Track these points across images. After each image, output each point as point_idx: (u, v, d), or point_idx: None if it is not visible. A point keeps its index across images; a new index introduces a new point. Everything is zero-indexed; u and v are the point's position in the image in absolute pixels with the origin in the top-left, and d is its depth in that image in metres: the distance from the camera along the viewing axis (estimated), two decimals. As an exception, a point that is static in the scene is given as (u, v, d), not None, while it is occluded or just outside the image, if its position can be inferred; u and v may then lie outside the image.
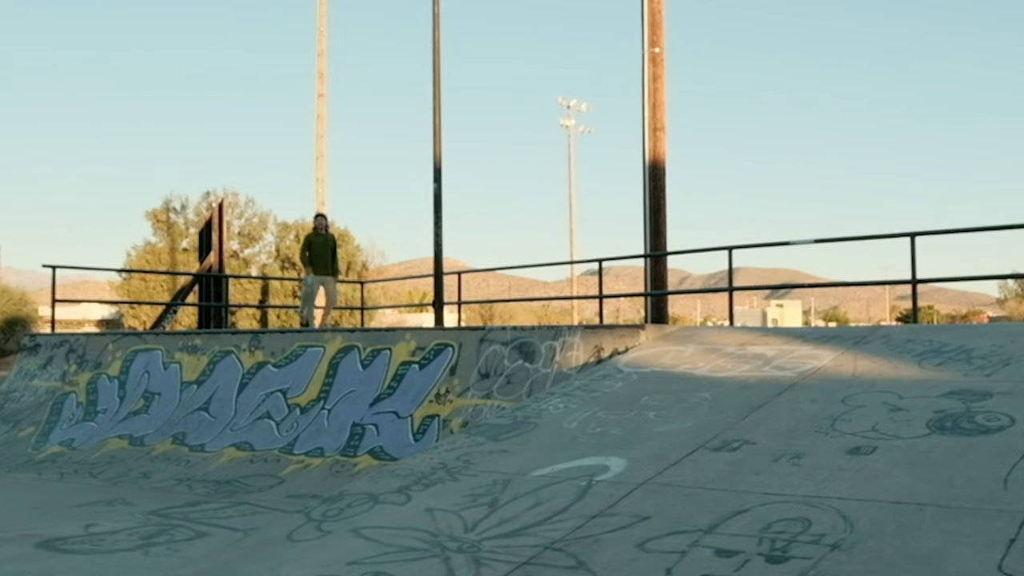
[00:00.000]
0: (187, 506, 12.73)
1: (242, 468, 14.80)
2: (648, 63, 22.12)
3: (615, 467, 9.59)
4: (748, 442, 9.70)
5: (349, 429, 15.00)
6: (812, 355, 12.80)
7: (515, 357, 14.84)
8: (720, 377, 12.35)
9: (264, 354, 17.41)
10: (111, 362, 19.38)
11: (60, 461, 16.65)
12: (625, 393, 12.24)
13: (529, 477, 9.70)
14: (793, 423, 10.08)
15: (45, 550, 10.24)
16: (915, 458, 8.57)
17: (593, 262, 23.94)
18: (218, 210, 28.73)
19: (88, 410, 18.44)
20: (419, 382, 15.28)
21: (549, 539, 7.99)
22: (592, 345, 14.45)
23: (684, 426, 10.55)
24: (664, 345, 14.47)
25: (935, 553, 6.70)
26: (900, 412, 9.93)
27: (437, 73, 23.77)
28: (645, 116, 22.28)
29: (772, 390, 11.40)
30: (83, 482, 15.12)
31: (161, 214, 60.38)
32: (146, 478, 14.96)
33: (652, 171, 22.11)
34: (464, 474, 10.17)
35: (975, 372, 11.08)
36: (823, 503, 7.82)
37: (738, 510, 7.93)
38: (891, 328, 13.79)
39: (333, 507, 9.86)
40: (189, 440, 16.20)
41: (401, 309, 71.21)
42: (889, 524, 7.24)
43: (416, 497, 9.70)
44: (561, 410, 12.02)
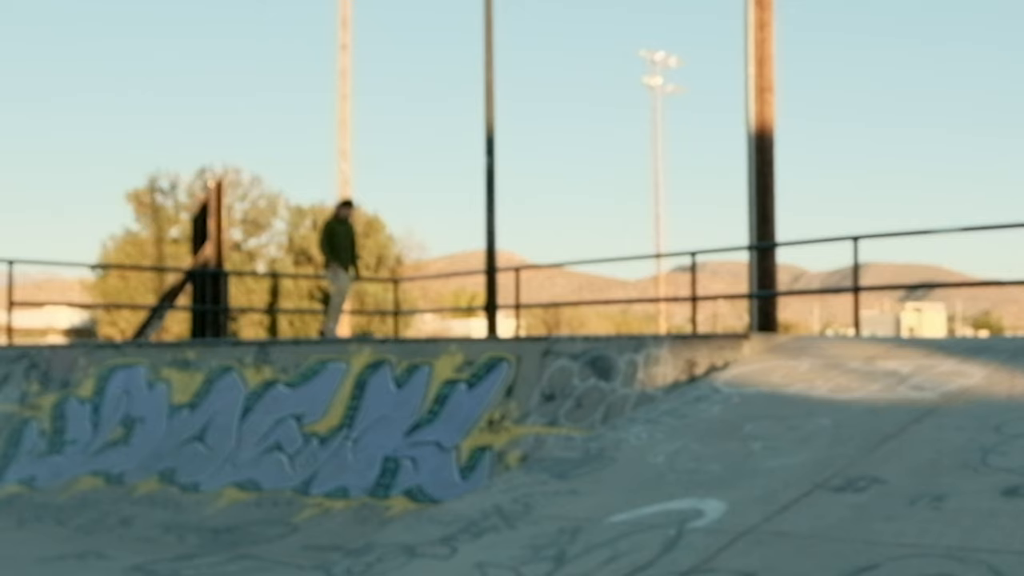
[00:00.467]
0: (177, 560, 12.84)
1: (246, 513, 14.91)
2: (753, 7, 22.16)
3: (712, 512, 9.63)
4: (878, 480, 9.72)
5: (380, 464, 15.08)
6: (958, 372, 12.81)
7: (587, 375, 14.89)
8: (843, 399, 12.37)
9: (273, 371, 17.51)
10: (82, 381, 19.52)
11: (19, 504, 16.79)
12: (724, 419, 12.28)
13: (604, 524, 9.75)
14: (934, 456, 10.09)
15: (3, 614, 10.35)
16: (1088, 501, 8.57)
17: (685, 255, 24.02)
18: (216, 191, 28.89)
19: (54, 440, 18.59)
20: (467, 406, 15.34)
21: (629, 601, 8.02)
22: (683, 360, 14.50)
23: (798, 460, 10.58)
24: (773, 359, 14.51)
25: (1112, 619, 6.71)
26: (1070, 443, 9.93)
27: (489, 19, 23.73)
28: (749, 73, 22.31)
29: (908, 415, 11.41)
30: (48, 530, 15.25)
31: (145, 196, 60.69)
32: (126, 525, 15.09)
33: (758, 142, 22.15)
34: (523, 520, 10.23)
35: None
36: (972, 556, 7.82)
37: (866, 566, 7.95)
38: (1058, 337, 13.79)
39: (359, 562, 9.93)
40: (180, 478, 16.31)
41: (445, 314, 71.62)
42: (1055, 583, 7.24)
43: (463, 549, 9.76)
44: (644, 440, 12.07)
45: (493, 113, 23.63)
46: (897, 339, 15.70)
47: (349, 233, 23.60)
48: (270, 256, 62.49)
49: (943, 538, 8.21)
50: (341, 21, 43.68)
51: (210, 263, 27.94)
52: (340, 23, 43.84)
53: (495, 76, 23.66)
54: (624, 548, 9.06)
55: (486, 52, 23.74)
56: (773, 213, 22.27)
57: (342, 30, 43.71)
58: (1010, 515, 8.47)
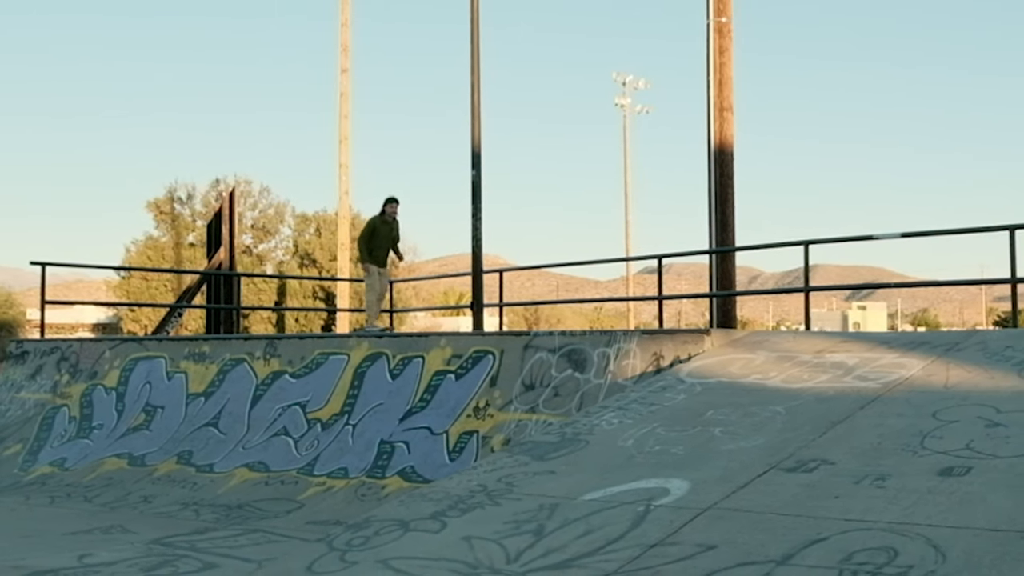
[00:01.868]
0: (194, 534, 12.79)
1: (256, 491, 14.87)
2: (713, 34, 22.16)
3: (676, 490, 9.62)
4: (826, 462, 9.72)
5: (376, 447, 15.05)
6: (899, 364, 12.80)
7: (564, 366, 14.87)
8: (795, 389, 12.36)
9: (280, 363, 17.47)
10: (108, 372, 19.47)
11: (51, 483, 16.73)
12: (688, 407, 12.27)
13: (579, 501, 9.74)
14: (877, 440, 10.09)
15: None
16: (1015, 480, 8.57)
17: (652, 259, 23.99)
18: (229, 200, 28.84)
19: (82, 426, 18.53)
20: (455, 394, 15.32)
21: (602, 571, 8.01)
22: (651, 353, 14.48)
23: (754, 444, 10.57)
24: (732, 352, 14.50)
25: (1039, 588, 6.70)
26: (998, 428, 9.93)
27: (475, 47, 23.76)
28: (710, 94, 22.31)
29: (853, 403, 11.41)
30: (77, 507, 15.20)
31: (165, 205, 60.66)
32: (147, 502, 15.04)
33: (718, 156, 22.15)
34: (506, 498, 10.21)
35: (1085, 383, 11.07)
36: (911, 530, 7.82)
37: (815, 538, 7.95)
38: (988, 333, 13.80)
39: (358, 535, 9.90)
40: (196, 460, 16.27)
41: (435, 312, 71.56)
42: (985, 554, 7.23)
43: (452, 524, 9.74)
44: (615, 426, 12.06)
45: (479, 130, 23.65)
46: (844, 334, 15.70)
47: (391, 231, 22.94)
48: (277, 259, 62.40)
49: (885, 514, 8.21)
50: (342, 47, 43.77)
51: (223, 266, 27.87)
52: (340, 49, 43.92)
53: (481, 97, 23.68)
54: (597, 523, 9.05)
55: (472, 75, 23.75)
56: (732, 220, 22.27)
57: (342, 55, 43.80)
58: (945, 493, 8.47)
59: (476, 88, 23.66)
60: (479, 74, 23.68)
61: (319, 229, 62.42)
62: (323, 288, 56.70)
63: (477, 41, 23.72)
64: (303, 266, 61.39)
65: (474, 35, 23.69)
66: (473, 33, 23.68)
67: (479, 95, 23.63)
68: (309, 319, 54.76)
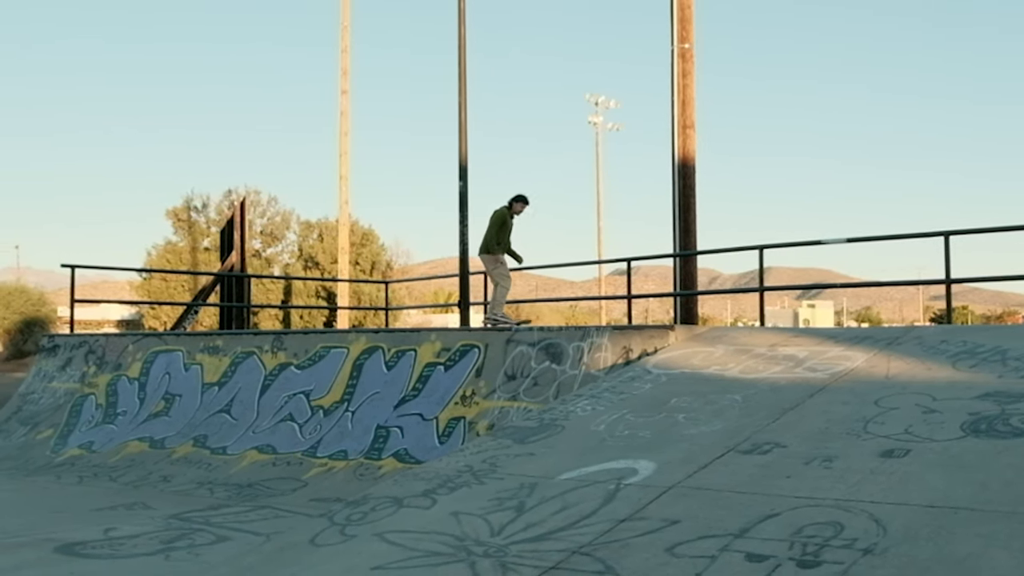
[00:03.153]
0: (208, 510, 12.76)
1: (264, 471, 14.83)
2: (677, 59, 22.13)
3: (644, 470, 9.61)
4: (779, 445, 9.72)
5: (373, 431, 15.02)
6: (844, 356, 12.81)
7: (542, 358, 14.86)
8: (751, 379, 12.36)
9: (287, 355, 17.44)
10: (131, 363, 19.43)
11: (79, 464, 16.69)
12: (654, 395, 12.26)
13: (556, 481, 9.72)
14: (825, 425, 10.09)
15: (64, 555, 10.26)
16: (949, 461, 8.58)
17: (621, 262, 23.97)
18: (240, 209, 28.77)
19: (108, 412, 18.49)
20: (444, 384, 15.30)
21: (577, 543, 8.00)
22: (620, 346, 14.46)
23: (714, 428, 10.56)
24: (694, 346, 14.49)
25: (970, 558, 6.70)
26: (934, 414, 9.94)
27: (463, 69, 23.75)
28: (674, 113, 22.28)
29: (803, 392, 11.41)
30: (102, 485, 15.16)
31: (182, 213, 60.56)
32: (166, 481, 15.01)
33: (682, 169, 22.12)
34: (490, 477, 10.20)
35: (1010, 374, 11.08)
36: (855, 507, 7.82)
37: (769, 514, 7.95)
38: (925, 329, 13.80)
39: (357, 511, 9.88)
40: (210, 443, 16.23)
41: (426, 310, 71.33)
42: (923, 528, 7.24)
43: (441, 501, 9.72)
44: (589, 412, 12.04)
45: (465, 146, 23.65)
46: (795, 330, 15.69)
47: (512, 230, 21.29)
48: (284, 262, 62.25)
49: (832, 492, 8.21)
50: (342, 71, 43.68)
51: (235, 268, 27.81)
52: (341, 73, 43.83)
53: (467, 116, 23.67)
54: (572, 500, 9.04)
55: (460, 96, 23.73)
56: (694, 227, 22.25)
57: (343, 78, 43.70)
58: (886, 473, 8.48)
59: (463, 108, 23.66)
60: (465, 95, 23.69)
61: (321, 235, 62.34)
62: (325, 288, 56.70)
63: (464, 65, 23.72)
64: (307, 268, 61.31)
65: (461, 60, 23.68)
66: (460, 59, 23.67)
67: (466, 114, 23.64)
68: (312, 316, 54.64)
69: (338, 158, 44.17)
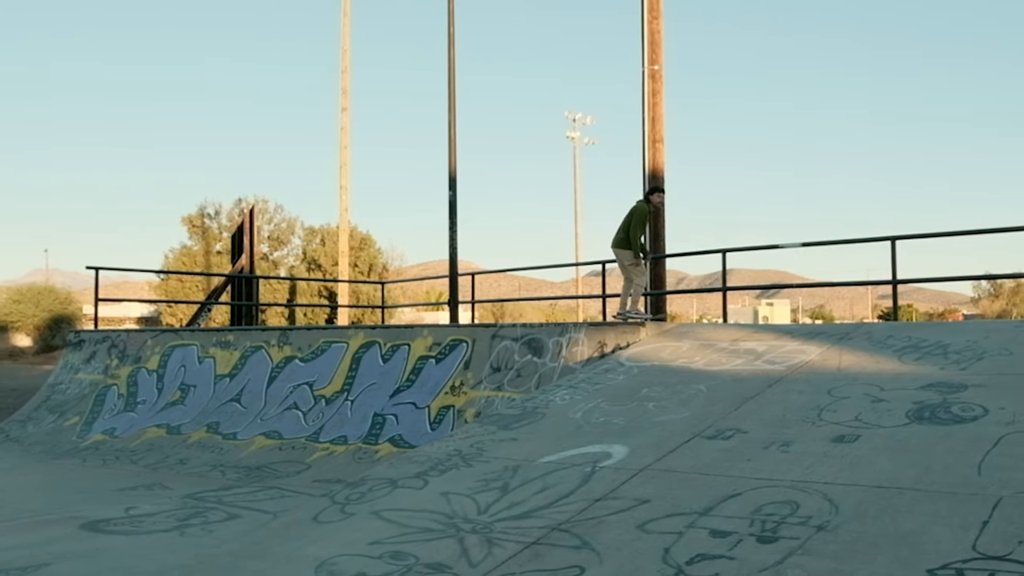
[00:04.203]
0: (220, 490, 12.75)
1: (271, 455, 14.82)
2: (648, 79, 22.12)
3: (617, 454, 9.60)
4: (740, 431, 9.71)
5: (371, 419, 15.01)
6: (800, 350, 12.81)
7: (524, 352, 14.85)
8: (714, 371, 12.35)
9: (292, 349, 17.42)
10: (150, 357, 19.40)
11: (103, 448, 16.67)
12: (626, 385, 12.25)
13: (537, 464, 9.72)
14: (782, 413, 10.09)
15: (89, 531, 10.26)
16: (895, 446, 8.58)
17: (597, 264, 23.91)
18: (249, 216, 28.72)
19: (129, 401, 18.46)
20: (436, 375, 15.29)
21: (556, 521, 8.00)
22: (596, 341, 14.46)
23: (681, 416, 10.56)
24: (662, 341, 14.48)
25: (914, 534, 6.72)
26: (881, 403, 9.94)
27: (452, 89, 23.78)
28: (645, 129, 22.27)
29: (763, 383, 11.41)
30: (124, 468, 15.13)
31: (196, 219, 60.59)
32: (182, 464, 14.99)
33: (652, 180, 22.09)
34: (477, 460, 10.19)
35: (951, 366, 11.09)
36: (810, 487, 7.83)
37: (731, 494, 7.95)
38: (873, 325, 13.80)
39: (356, 491, 9.87)
40: (222, 429, 16.21)
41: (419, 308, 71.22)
42: (871, 507, 7.25)
43: (433, 482, 9.71)
44: (567, 401, 12.03)
45: (455, 158, 23.68)
46: (754, 326, 15.69)
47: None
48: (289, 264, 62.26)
49: (789, 474, 8.21)
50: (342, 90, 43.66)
51: (245, 270, 27.76)
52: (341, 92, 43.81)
53: (456, 130, 23.73)
54: (552, 481, 9.03)
55: (449, 113, 23.74)
56: (663, 232, 22.24)
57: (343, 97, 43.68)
58: (838, 457, 8.48)
59: (452, 124, 23.69)
60: (455, 112, 23.73)
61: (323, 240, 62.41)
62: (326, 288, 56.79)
63: (453, 85, 23.75)
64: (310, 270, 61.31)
65: (451, 81, 23.69)
66: (450, 79, 23.69)
67: (455, 129, 23.68)
68: (315, 314, 54.60)
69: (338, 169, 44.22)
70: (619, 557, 7.14)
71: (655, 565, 6.91)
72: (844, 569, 6.44)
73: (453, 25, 23.92)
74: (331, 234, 60.24)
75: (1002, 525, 6.69)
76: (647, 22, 22.16)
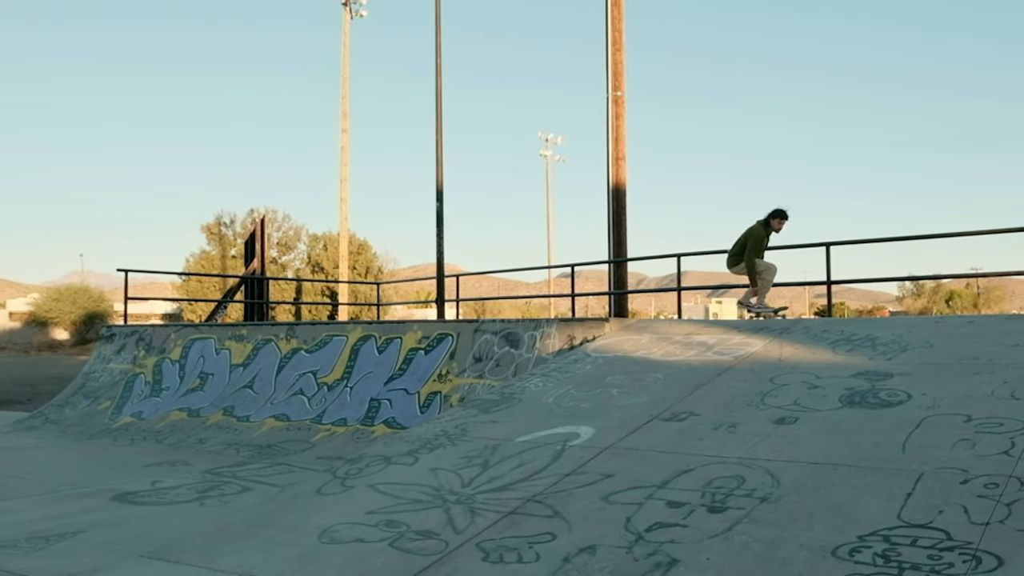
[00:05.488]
0: (235, 466, 12.72)
1: (280, 435, 14.78)
2: (612, 104, 22.14)
3: (584, 434, 9.59)
4: (693, 414, 9.71)
5: (367, 403, 14.98)
6: (745, 343, 12.81)
7: (503, 345, 14.83)
8: (670, 361, 12.35)
9: (298, 342, 17.38)
10: (173, 348, 19.34)
11: (131, 430, 16.61)
12: (593, 374, 12.24)
13: (514, 442, 9.70)
14: (730, 398, 10.09)
15: (119, 502, 10.24)
16: (830, 427, 8.59)
17: (567, 267, 23.93)
18: (261, 224, 28.66)
19: (154, 388, 18.40)
20: (424, 365, 15.27)
21: (530, 493, 7.99)
22: (566, 335, 14.44)
23: (641, 401, 10.55)
24: (625, 335, 14.47)
25: (846, 504, 6.72)
26: (817, 389, 9.95)
27: (439, 112, 23.79)
28: (609, 147, 22.28)
29: (713, 371, 11.41)
30: (150, 447, 15.09)
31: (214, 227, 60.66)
32: (201, 443, 14.94)
33: (615, 192, 22.13)
34: (461, 440, 10.17)
35: (879, 357, 11.11)
36: (754, 464, 7.83)
37: (685, 469, 7.95)
38: (810, 321, 13.83)
39: (354, 467, 9.84)
40: (237, 412, 16.17)
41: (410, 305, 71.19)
42: (808, 481, 7.26)
43: (422, 459, 9.69)
44: (540, 388, 12.01)
45: (442, 174, 23.68)
46: (705, 321, 15.71)
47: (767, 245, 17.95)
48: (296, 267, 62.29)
49: (736, 452, 8.21)
50: (342, 114, 43.77)
51: (256, 272, 27.68)
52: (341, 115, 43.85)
53: (443, 149, 23.73)
54: (527, 458, 9.02)
55: (437, 133, 23.72)
56: (625, 239, 22.25)
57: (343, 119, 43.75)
58: (779, 437, 8.49)
59: (439, 143, 23.69)
60: (442, 132, 23.74)
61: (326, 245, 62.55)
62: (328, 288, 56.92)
63: (440, 108, 23.74)
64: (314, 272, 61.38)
65: (438, 104, 23.69)
66: (438, 102, 23.68)
67: (442, 147, 23.68)
68: (318, 311, 54.57)
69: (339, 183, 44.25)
70: (586, 525, 7.13)
71: (618, 532, 6.91)
72: (785, 536, 6.44)
73: (440, 57, 23.92)
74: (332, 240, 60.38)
75: (924, 497, 6.70)
76: (611, 53, 22.19)
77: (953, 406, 8.77)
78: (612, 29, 22.13)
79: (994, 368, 9.97)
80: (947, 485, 6.86)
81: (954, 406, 8.77)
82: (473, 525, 7.51)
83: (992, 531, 6.09)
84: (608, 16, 22.26)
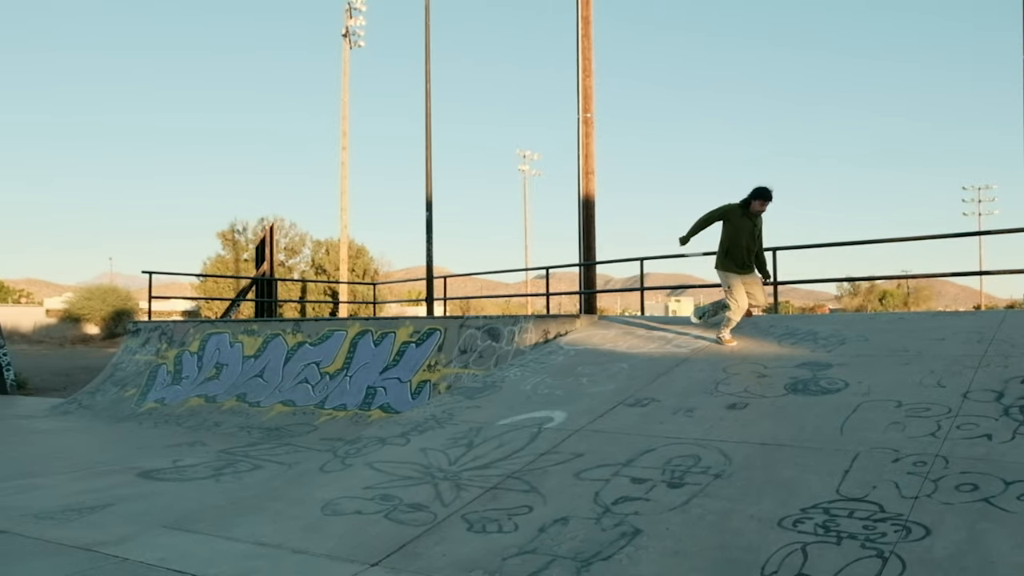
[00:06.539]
0: (247, 446, 12.69)
1: (287, 419, 14.74)
2: (582, 124, 22.11)
3: (558, 418, 9.59)
4: (655, 400, 9.71)
5: (365, 391, 14.95)
6: (701, 337, 12.82)
7: (485, 338, 14.81)
8: (634, 352, 12.35)
9: (303, 336, 17.34)
10: (192, 342, 19.28)
11: (155, 414, 16.55)
12: (565, 364, 12.24)
13: (495, 425, 9.70)
14: (687, 386, 10.10)
15: (143, 478, 10.22)
16: (776, 412, 8.61)
17: (542, 269, 23.92)
18: (270, 231, 28.60)
19: (175, 377, 18.35)
20: (416, 356, 15.24)
21: (510, 470, 7.99)
22: (541, 329, 14.43)
23: (608, 388, 10.55)
24: (594, 329, 14.47)
25: (791, 480, 6.74)
26: (765, 378, 9.96)
27: (429, 131, 23.80)
28: (580, 163, 22.26)
29: (672, 362, 11.41)
30: (171, 429, 15.04)
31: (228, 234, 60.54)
32: (217, 426, 14.90)
33: (585, 203, 22.10)
34: (448, 423, 10.16)
35: (820, 349, 11.13)
36: (709, 444, 7.84)
37: (647, 449, 7.96)
38: (759, 317, 13.82)
39: (353, 447, 9.84)
40: (249, 398, 16.12)
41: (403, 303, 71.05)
42: (757, 459, 7.28)
43: (413, 440, 9.69)
44: (519, 377, 12.01)
45: (431, 186, 23.69)
46: (665, 318, 15.71)
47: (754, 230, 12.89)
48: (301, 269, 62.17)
49: (692, 433, 8.22)
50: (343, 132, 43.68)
51: (266, 274, 27.62)
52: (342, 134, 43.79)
53: (432, 163, 23.75)
54: (507, 440, 9.02)
55: (426, 150, 23.74)
56: (593, 244, 22.23)
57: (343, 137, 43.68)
58: (731, 420, 8.50)
59: (429, 158, 23.70)
60: (431, 148, 23.76)
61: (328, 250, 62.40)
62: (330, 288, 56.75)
63: (430, 127, 23.76)
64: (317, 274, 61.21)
65: (428, 123, 23.70)
66: (427, 122, 23.70)
67: (431, 162, 23.70)
68: (321, 308, 54.47)
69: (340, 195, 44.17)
70: (560, 498, 7.14)
71: (588, 505, 6.91)
72: (736, 508, 6.45)
73: (430, 83, 23.93)
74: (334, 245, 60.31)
75: (860, 474, 6.72)
76: (581, 79, 22.16)
77: (885, 393, 8.79)
78: (582, 57, 22.11)
79: (922, 359, 10.00)
80: (880, 463, 6.88)
81: (886, 393, 8.79)
82: (459, 499, 7.51)
83: (920, 504, 6.10)
84: (579, 46, 22.23)
